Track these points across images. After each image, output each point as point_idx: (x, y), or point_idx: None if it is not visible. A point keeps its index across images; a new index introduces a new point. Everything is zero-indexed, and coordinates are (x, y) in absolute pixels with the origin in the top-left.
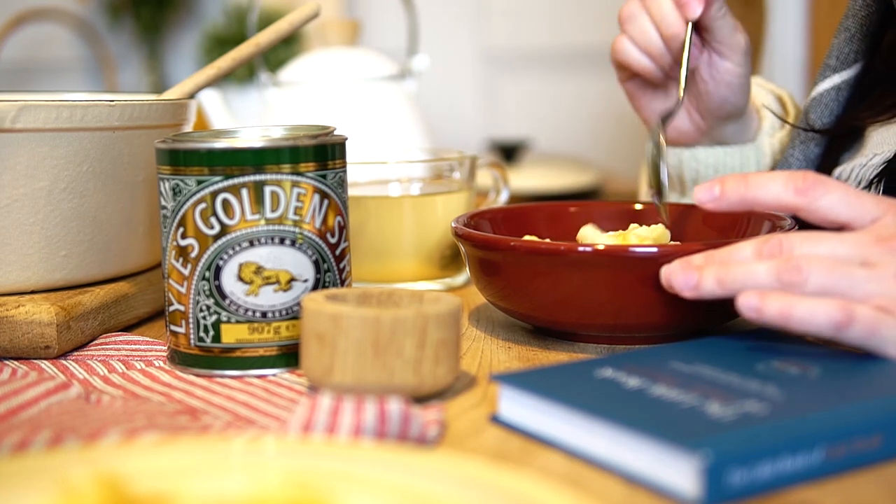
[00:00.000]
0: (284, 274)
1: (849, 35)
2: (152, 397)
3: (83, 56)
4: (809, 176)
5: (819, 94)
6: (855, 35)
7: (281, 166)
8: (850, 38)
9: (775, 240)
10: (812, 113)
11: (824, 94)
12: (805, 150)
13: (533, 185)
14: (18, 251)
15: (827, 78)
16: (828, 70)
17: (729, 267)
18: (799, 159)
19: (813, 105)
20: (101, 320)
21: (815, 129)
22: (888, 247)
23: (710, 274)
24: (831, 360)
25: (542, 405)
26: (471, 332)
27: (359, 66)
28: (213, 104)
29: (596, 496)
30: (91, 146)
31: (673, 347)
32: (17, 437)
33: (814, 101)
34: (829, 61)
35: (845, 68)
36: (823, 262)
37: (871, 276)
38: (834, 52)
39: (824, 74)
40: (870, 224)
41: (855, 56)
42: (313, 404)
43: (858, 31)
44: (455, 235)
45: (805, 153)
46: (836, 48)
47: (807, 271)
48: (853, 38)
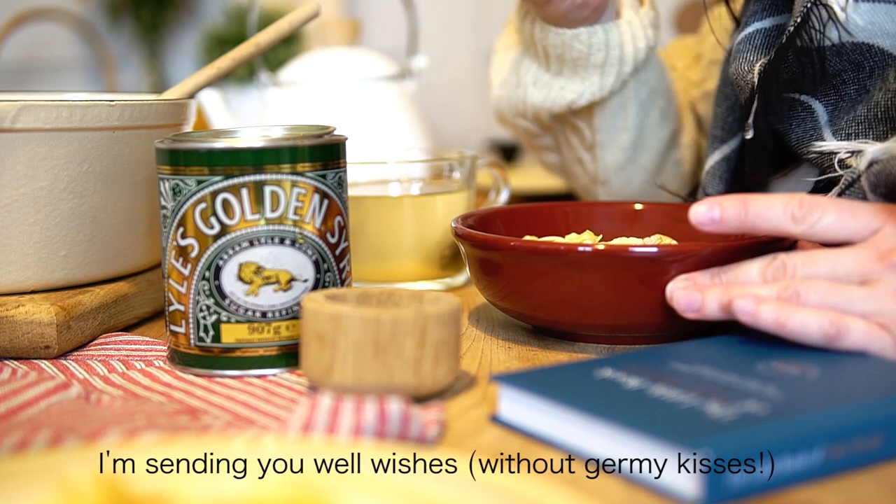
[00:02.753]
0: (284, 274)
1: (730, 104)
2: (152, 397)
3: (83, 56)
4: (805, 200)
5: (711, 168)
6: (735, 103)
7: (281, 166)
8: (731, 106)
9: (779, 262)
10: (709, 187)
11: (716, 166)
12: None
13: (533, 185)
14: (18, 251)
15: (716, 150)
16: (715, 142)
17: (732, 290)
18: None
19: (708, 179)
20: (101, 320)
21: None
22: (887, 263)
23: (713, 297)
24: (831, 360)
25: (542, 405)
26: (471, 332)
27: (359, 66)
28: (213, 104)
29: (596, 496)
30: (91, 146)
31: (673, 347)
32: (17, 437)
33: (708, 175)
34: (716, 132)
35: (731, 137)
36: (821, 286)
37: (868, 296)
38: (719, 123)
39: (713, 146)
40: (869, 236)
41: (739, 124)
42: (313, 404)
43: (738, 99)
44: (455, 235)
45: None
46: (720, 118)
47: (804, 297)
48: (734, 105)
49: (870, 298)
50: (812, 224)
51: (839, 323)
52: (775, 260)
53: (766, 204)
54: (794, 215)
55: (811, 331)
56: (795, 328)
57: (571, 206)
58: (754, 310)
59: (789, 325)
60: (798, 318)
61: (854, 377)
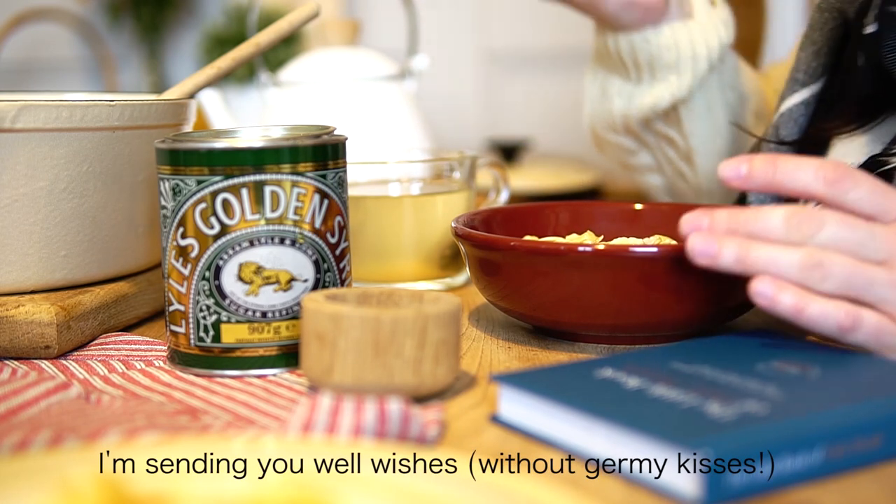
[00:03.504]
0: (284, 274)
1: (815, 49)
2: (152, 397)
3: (83, 56)
4: (840, 167)
5: (788, 109)
6: (822, 49)
7: (281, 166)
8: (816, 51)
9: (806, 214)
10: (783, 128)
11: (794, 108)
12: None
13: (533, 185)
14: (18, 251)
15: (796, 92)
16: (796, 84)
17: (751, 247)
18: None
19: (783, 120)
20: (101, 320)
21: (785, 142)
22: None
23: (731, 249)
24: (831, 360)
25: (542, 405)
26: (471, 332)
27: (359, 66)
28: (213, 104)
29: (596, 496)
30: (91, 146)
31: (673, 347)
32: (17, 437)
33: (783, 117)
34: (798, 75)
35: (813, 82)
36: (846, 263)
37: (889, 282)
38: (802, 66)
39: (793, 89)
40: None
41: (822, 70)
42: (313, 404)
43: (825, 45)
44: (455, 235)
45: None
46: (803, 62)
47: (828, 269)
48: (820, 51)
49: (890, 285)
50: (844, 192)
51: (854, 315)
52: (803, 210)
53: (797, 165)
54: (826, 178)
55: (828, 321)
56: (813, 317)
57: (572, 206)
58: (773, 294)
59: (807, 312)
60: (817, 307)
61: (854, 377)
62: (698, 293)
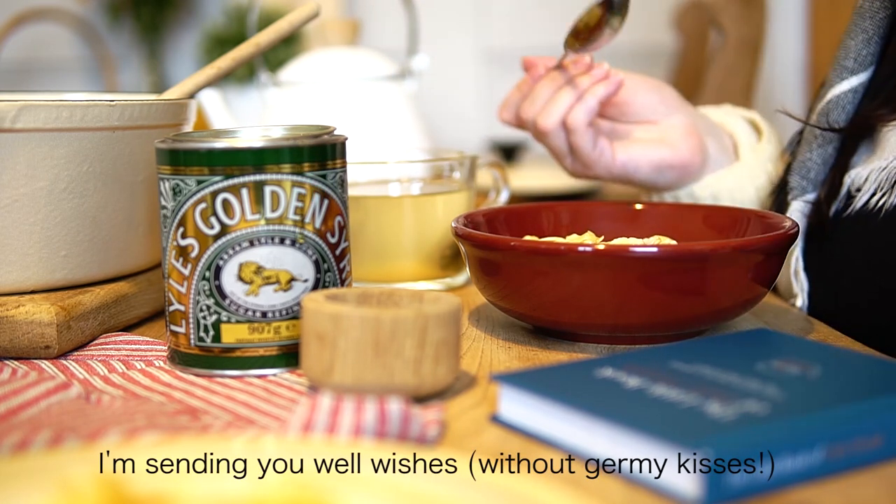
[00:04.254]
0: (284, 274)
1: (866, 37)
2: (152, 397)
3: (83, 56)
4: None
5: (837, 97)
6: (872, 37)
7: (281, 166)
8: (867, 39)
9: None
10: (832, 114)
11: (842, 95)
12: (823, 153)
13: (533, 185)
14: (18, 251)
15: (845, 80)
16: (845, 72)
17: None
18: (817, 162)
19: (832, 107)
20: (101, 320)
21: (835, 129)
22: None
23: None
24: (831, 360)
25: (542, 405)
26: (471, 332)
27: (359, 66)
28: (213, 104)
29: (596, 496)
30: (91, 146)
31: (673, 347)
32: (17, 437)
33: (831, 103)
34: (846, 63)
35: (863, 70)
36: None
37: None
38: (851, 54)
39: (841, 76)
40: None
41: (872, 58)
42: (313, 404)
43: (876, 33)
44: (455, 235)
45: (823, 156)
46: (853, 50)
47: None
48: (871, 40)
49: None
50: None
51: None
52: None
53: None
54: None
55: None
56: None
57: (572, 206)
58: None
59: None
60: None
61: (854, 377)
62: (698, 293)
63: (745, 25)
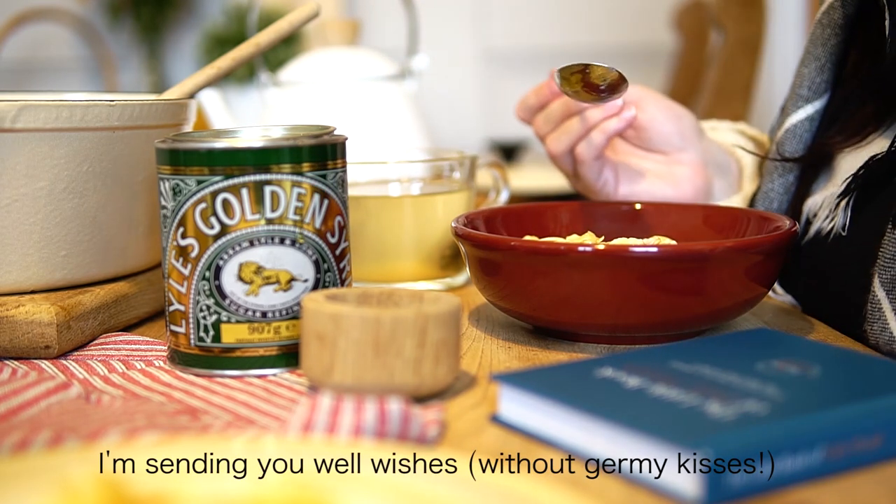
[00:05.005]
0: (284, 274)
1: (819, 64)
2: (152, 397)
3: (83, 56)
4: None
5: (793, 126)
6: (826, 64)
7: (281, 166)
8: (820, 67)
9: None
10: (787, 144)
11: (798, 125)
12: (784, 182)
13: (533, 185)
14: (18, 251)
15: (800, 108)
16: (800, 101)
17: None
18: (779, 192)
19: (787, 136)
20: (101, 320)
21: (791, 159)
22: None
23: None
24: (831, 360)
25: (542, 405)
26: (471, 332)
27: (359, 66)
28: (213, 104)
29: (596, 496)
30: (91, 146)
31: (673, 347)
32: (17, 437)
33: (788, 133)
34: (801, 91)
35: (817, 98)
36: None
37: None
38: (805, 83)
39: (797, 105)
40: None
41: (826, 85)
42: (313, 404)
43: (829, 60)
44: (455, 235)
45: (784, 185)
46: (807, 78)
47: None
48: (824, 67)
49: None
50: None
51: None
52: None
53: None
54: None
55: None
56: None
57: (572, 206)
58: None
59: None
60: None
61: (854, 377)
62: (698, 293)
63: (745, 25)
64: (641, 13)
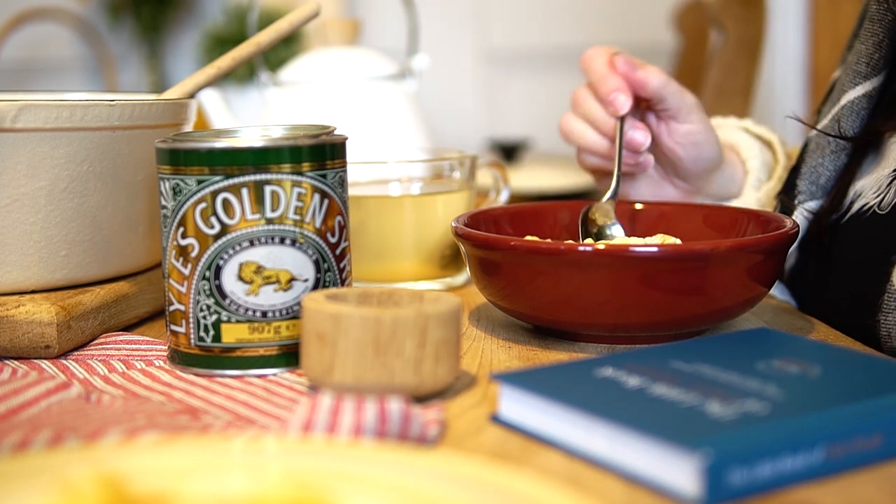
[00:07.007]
0: (284, 273)
1: (877, 41)
2: (152, 397)
3: (83, 56)
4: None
5: (850, 102)
6: (883, 40)
7: (281, 166)
8: (878, 43)
9: None
10: (844, 121)
11: (856, 101)
12: (835, 161)
13: (533, 185)
14: (18, 251)
15: (859, 85)
16: (858, 77)
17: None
18: (829, 169)
19: (845, 112)
20: (102, 320)
21: (844, 137)
22: None
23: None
24: (831, 359)
25: (542, 405)
26: (471, 332)
27: (359, 66)
28: (213, 104)
29: (596, 496)
30: (91, 146)
31: (673, 347)
32: (17, 437)
33: (845, 109)
34: (859, 67)
35: (875, 75)
36: None
37: None
38: (864, 59)
39: (855, 81)
40: None
41: (883, 62)
42: (313, 404)
43: (887, 36)
44: (455, 235)
45: (835, 163)
46: (864, 54)
47: None
48: (881, 43)
49: None
50: None
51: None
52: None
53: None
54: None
55: None
56: None
57: (572, 206)
58: None
59: None
60: None
61: (854, 377)
62: (698, 293)
63: (745, 25)
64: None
